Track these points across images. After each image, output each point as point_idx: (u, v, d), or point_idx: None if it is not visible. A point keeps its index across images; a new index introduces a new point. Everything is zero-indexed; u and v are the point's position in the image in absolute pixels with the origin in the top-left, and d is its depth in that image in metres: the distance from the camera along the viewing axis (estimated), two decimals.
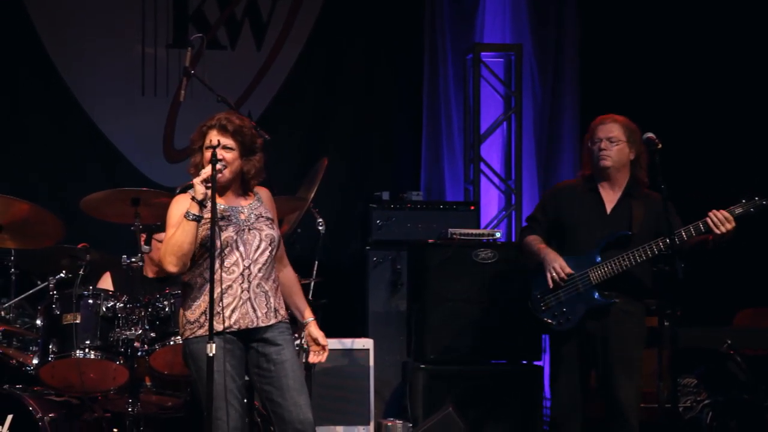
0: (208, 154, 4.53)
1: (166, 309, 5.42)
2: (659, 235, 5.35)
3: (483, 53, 8.11)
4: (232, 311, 4.53)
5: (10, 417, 5.33)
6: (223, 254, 4.52)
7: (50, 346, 5.39)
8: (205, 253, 4.54)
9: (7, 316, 5.82)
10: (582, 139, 5.77)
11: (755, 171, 7.62)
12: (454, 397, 6.51)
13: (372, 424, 6.81)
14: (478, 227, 7.52)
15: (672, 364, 5.24)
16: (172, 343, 5.38)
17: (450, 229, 7.07)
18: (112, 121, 7.91)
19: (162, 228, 6.01)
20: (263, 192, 4.77)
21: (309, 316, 4.80)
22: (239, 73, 8.07)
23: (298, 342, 5.29)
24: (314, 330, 4.78)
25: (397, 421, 6.78)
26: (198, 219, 4.47)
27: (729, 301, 7.34)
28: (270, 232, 4.62)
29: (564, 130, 8.29)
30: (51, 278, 5.61)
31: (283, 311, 4.66)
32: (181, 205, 4.55)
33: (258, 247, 4.58)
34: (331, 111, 8.15)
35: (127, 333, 5.35)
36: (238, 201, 4.66)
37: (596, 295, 5.39)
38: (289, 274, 4.83)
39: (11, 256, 6.15)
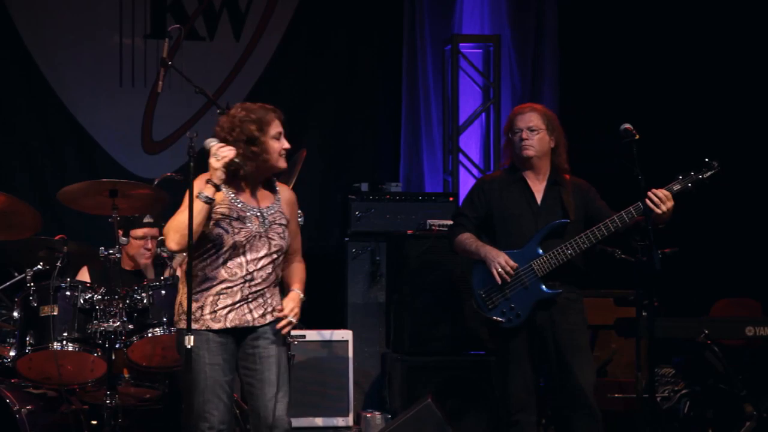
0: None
1: (144, 301, 5.41)
2: (590, 221, 5.35)
3: (461, 44, 8.12)
4: (229, 311, 4.50)
5: None
6: (227, 255, 4.48)
7: (27, 338, 5.38)
8: (211, 249, 4.49)
9: None
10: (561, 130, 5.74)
11: (733, 156, 7.65)
12: (433, 388, 6.52)
13: (351, 415, 6.82)
14: None
15: (649, 355, 5.24)
16: (150, 335, 5.38)
17: (429, 221, 7.08)
18: (90, 112, 7.88)
19: (139, 220, 6.02)
20: (285, 193, 4.69)
21: (296, 288, 4.65)
22: (218, 64, 8.05)
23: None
24: (288, 299, 4.59)
25: (376, 413, 6.81)
26: (210, 201, 4.37)
27: (706, 292, 7.38)
28: (280, 242, 4.55)
29: None
30: (28, 270, 5.59)
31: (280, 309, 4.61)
32: (200, 186, 4.43)
33: (265, 255, 4.53)
34: (310, 102, 8.15)
35: (105, 325, 5.34)
36: (257, 200, 4.58)
37: (543, 287, 5.35)
38: (296, 266, 4.72)
39: None
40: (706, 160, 5.32)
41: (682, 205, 5.29)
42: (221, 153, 4.40)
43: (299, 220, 5.90)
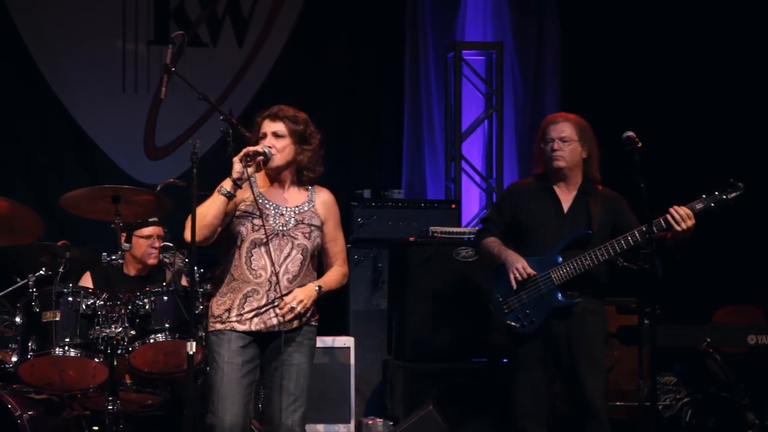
0: (261, 142, 4.53)
1: (146, 307, 5.41)
2: (616, 233, 5.35)
3: (464, 51, 8.13)
4: (254, 315, 4.51)
5: None
6: (251, 254, 4.50)
7: (29, 344, 5.37)
8: (233, 246, 4.52)
9: None
10: None
11: (735, 159, 7.66)
12: (434, 395, 6.51)
13: (353, 422, 6.81)
14: (460, 225, 7.53)
15: (651, 363, 5.24)
16: (152, 341, 5.37)
17: (431, 228, 7.09)
18: (92, 118, 7.89)
19: (143, 225, 6.03)
20: (322, 194, 4.69)
21: (317, 282, 4.59)
22: (220, 70, 8.06)
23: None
24: (299, 289, 4.51)
25: (378, 420, 6.79)
26: (229, 195, 4.43)
27: (708, 300, 7.37)
28: (304, 242, 4.55)
29: None
30: (30, 275, 5.59)
31: (309, 313, 4.59)
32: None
33: (288, 255, 4.53)
34: (312, 108, 8.10)
35: (107, 331, 5.33)
36: (284, 198, 4.60)
37: (559, 295, 5.36)
38: (333, 269, 4.69)
39: None
40: (731, 180, 5.31)
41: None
42: (244, 151, 4.47)
43: None
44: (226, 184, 4.44)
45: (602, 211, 5.43)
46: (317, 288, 4.56)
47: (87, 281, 6.05)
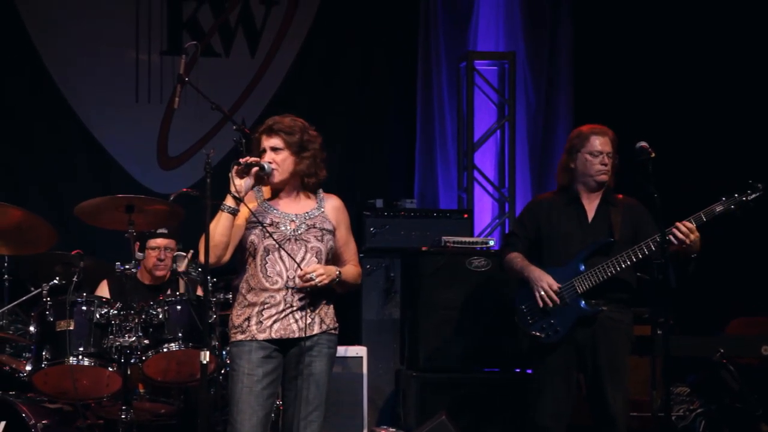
0: (262, 157, 4.55)
1: (160, 316, 5.42)
2: (638, 241, 5.35)
3: (476, 61, 8.13)
4: (274, 322, 4.51)
5: (3, 423, 5.32)
6: (265, 262, 4.52)
7: (43, 353, 5.39)
8: (248, 257, 4.54)
9: (1, 323, 5.83)
10: None
11: (746, 165, 7.64)
12: (447, 405, 6.50)
13: (365, 431, 6.81)
14: (472, 235, 7.53)
15: (664, 373, 5.23)
16: (165, 350, 5.39)
17: (443, 237, 7.08)
18: (106, 128, 7.91)
19: (154, 234, 6.05)
20: (331, 200, 4.70)
21: (337, 268, 4.58)
22: (233, 80, 8.08)
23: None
24: (321, 265, 4.53)
25: (390, 429, 6.78)
26: (232, 212, 4.46)
27: (722, 310, 7.35)
28: (317, 245, 4.56)
29: (558, 138, 8.29)
30: (44, 285, 5.62)
31: (329, 321, 4.60)
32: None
33: (303, 258, 4.53)
34: (325, 118, 8.15)
35: (121, 340, 5.35)
36: (293, 206, 4.62)
37: (583, 304, 5.37)
38: (349, 266, 4.68)
39: (4, 263, 6.17)
40: (751, 181, 5.31)
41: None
42: (236, 163, 4.50)
43: None
44: (228, 201, 4.47)
45: (623, 220, 5.45)
46: (338, 272, 4.55)
47: (103, 289, 6.08)
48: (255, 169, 4.49)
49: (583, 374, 5.44)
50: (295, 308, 4.51)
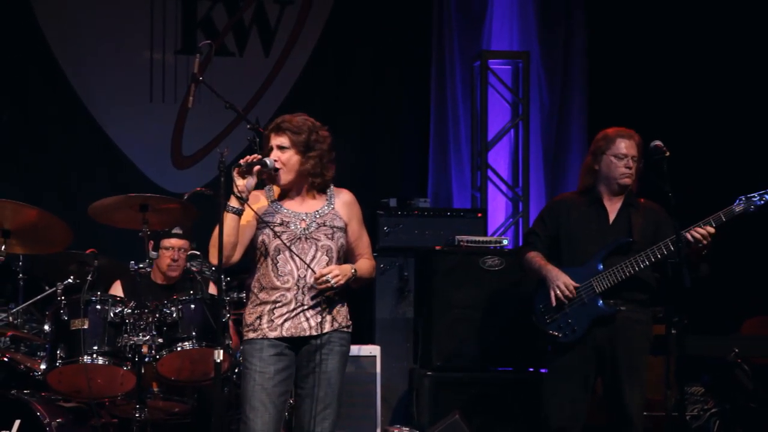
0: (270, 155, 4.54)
1: (174, 315, 5.43)
2: (657, 243, 5.34)
3: (490, 60, 8.12)
4: (285, 320, 4.51)
5: (17, 422, 5.34)
6: (276, 261, 4.52)
7: (58, 352, 5.41)
8: (260, 257, 4.55)
9: (15, 322, 5.85)
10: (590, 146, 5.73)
11: (760, 166, 7.62)
12: (460, 404, 6.50)
13: (379, 430, 6.81)
14: (486, 234, 7.52)
15: (679, 373, 5.22)
16: (179, 348, 5.40)
17: (457, 236, 7.08)
18: (120, 127, 7.94)
19: (168, 234, 6.06)
20: (342, 195, 4.71)
21: (352, 266, 4.58)
22: (247, 79, 8.10)
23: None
24: (336, 266, 4.52)
25: (404, 428, 6.78)
26: (237, 212, 4.46)
27: (736, 310, 7.33)
28: (328, 243, 4.55)
29: (572, 137, 8.29)
30: (59, 284, 5.64)
31: (341, 319, 4.59)
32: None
33: (313, 257, 4.53)
34: (339, 117, 8.16)
35: (135, 339, 5.36)
36: (302, 205, 4.62)
37: (601, 303, 5.37)
38: (363, 260, 4.67)
39: (19, 262, 6.19)
40: None
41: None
42: (238, 165, 4.49)
43: None
44: (232, 201, 4.48)
45: (644, 222, 5.45)
46: (353, 270, 4.56)
47: (117, 289, 6.09)
48: (257, 167, 4.50)
49: (600, 375, 5.43)
50: (306, 307, 4.51)
